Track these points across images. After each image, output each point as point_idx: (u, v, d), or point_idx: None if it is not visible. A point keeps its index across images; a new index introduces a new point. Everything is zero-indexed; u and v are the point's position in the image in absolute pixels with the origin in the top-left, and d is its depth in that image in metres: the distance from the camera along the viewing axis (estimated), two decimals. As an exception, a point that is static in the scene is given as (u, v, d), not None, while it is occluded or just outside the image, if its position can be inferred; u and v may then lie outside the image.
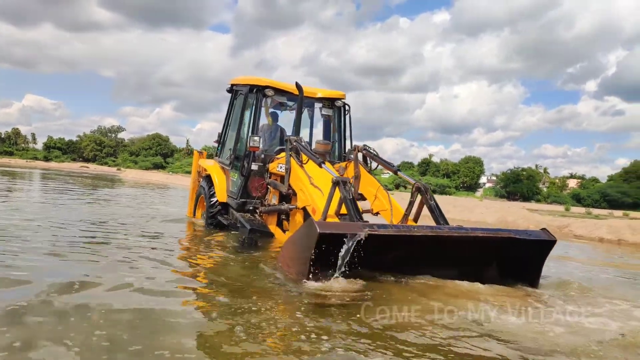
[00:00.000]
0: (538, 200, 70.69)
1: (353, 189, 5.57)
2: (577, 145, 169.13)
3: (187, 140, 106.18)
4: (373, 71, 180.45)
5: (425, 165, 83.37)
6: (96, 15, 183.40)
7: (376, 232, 4.29)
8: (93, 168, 74.79)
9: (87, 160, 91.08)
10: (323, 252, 4.18)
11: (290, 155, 6.47)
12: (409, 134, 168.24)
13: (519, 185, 74.54)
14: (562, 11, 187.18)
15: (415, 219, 5.83)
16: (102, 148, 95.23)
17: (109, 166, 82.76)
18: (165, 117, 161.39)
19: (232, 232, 7.39)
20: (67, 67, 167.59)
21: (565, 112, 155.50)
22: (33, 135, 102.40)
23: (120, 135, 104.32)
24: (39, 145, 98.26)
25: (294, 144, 6.50)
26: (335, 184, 5.19)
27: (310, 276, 4.24)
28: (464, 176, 78.97)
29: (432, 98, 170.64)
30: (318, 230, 4.05)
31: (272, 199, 7.27)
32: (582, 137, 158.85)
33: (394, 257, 4.79)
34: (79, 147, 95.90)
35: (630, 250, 11.94)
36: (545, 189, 78.98)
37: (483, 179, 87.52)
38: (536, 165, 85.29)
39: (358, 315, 3.50)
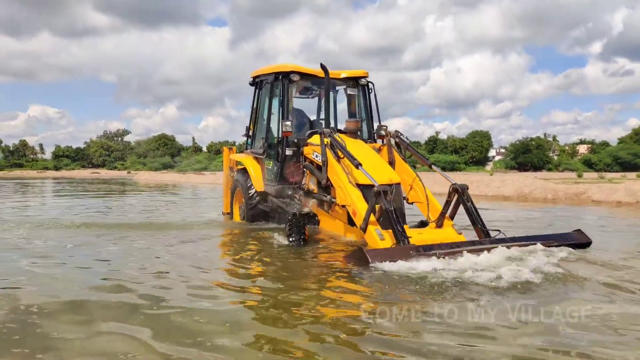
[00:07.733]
0: (549, 169, 70.36)
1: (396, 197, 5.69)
2: (587, 109, 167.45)
3: (193, 138, 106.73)
4: (374, 52, 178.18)
5: (433, 143, 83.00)
6: (92, 20, 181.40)
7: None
8: (104, 173, 75.48)
9: (96, 166, 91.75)
10: None
11: (326, 147, 6.39)
12: (415, 112, 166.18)
13: (529, 156, 74.16)
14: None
15: (452, 217, 5.99)
16: (110, 152, 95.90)
17: (119, 170, 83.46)
18: (170, 116, 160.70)
19: (274, 226, 7.46)
20: (68, 75, 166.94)
21: (573, 76, 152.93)
22: (41, 145, 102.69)
23: (127, 138, 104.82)
24: (48, 155, 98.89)
25: (329, 139, 6.39)
26: (377, 195, 5.27)
27: None
28: (473, 151, 78.65)
29: (436, 74, 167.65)
30: (370, 261, 4.53)
31: (310, 183, 7.13)
32: (591, 101, 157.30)
33: None
34: (87, 153, 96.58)
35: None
36: (555, 157, 78.53)
37: (492, 152, 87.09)
38: (545, 134, 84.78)
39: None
